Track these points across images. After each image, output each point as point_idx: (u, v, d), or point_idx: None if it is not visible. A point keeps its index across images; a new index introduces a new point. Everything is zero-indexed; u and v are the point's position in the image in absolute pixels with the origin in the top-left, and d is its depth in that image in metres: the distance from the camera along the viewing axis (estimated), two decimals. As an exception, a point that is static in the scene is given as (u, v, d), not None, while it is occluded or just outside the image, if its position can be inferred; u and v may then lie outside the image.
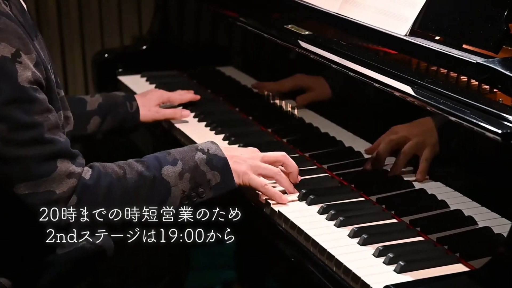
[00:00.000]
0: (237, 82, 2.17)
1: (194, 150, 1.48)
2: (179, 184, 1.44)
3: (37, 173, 1.34)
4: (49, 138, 1.35)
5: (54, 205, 1.35)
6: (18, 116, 1.32)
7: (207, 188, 1.46)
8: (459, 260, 1.32)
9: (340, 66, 1.63)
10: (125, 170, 1.42)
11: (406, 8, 1.60)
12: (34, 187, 1.34)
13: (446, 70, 1.51)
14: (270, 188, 1.51)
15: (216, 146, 1.50)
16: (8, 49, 1.32)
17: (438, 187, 1.50)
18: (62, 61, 2.94)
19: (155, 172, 1.43)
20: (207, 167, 1.46)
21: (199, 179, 1.45)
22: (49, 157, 1.34)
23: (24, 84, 1.32)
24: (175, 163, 1.45)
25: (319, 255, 1.37)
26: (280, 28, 1.85)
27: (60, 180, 1.35)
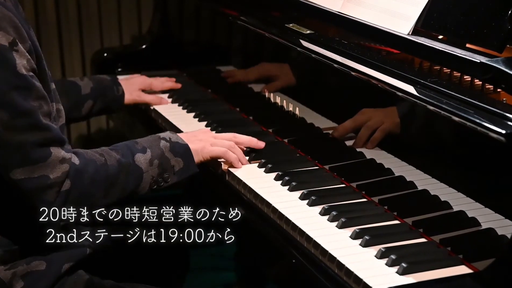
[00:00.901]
0: (237, 82, 2.16)
1: (158, 139, 1.60)
2: (150, 170, 1.54)
3: (35, 158, 1.39)
4: (45, 124, 1.41)
5: (49, 190, 1.41)
6: (19, 102, 1.38)
7: (171, 174, 1.58)
8: (462, 261, 1.31)
9: (342, 65, 1.62)
10: (105, 158, 1.51)
11: (409, 7, 1.59)
12: (30, 172, 1.40)
13: (449, 70, 1.50)
14: (230, 153, 1.64)
15: (176, 135, 1.63)
16: (5, 37, 1.37)
17: (441, 188, 1.49)
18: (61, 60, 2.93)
19: (129, 159, 1.53)
20: (171, 154, 1.58)
21: (165, 165, 1.57)
22: (45, 143, 1.41)
23: (23, 72, 1.38)
24: (144, 150, 1.56)
25: (320, 257, 1.36)
26: (281, 27, 1.84)
27: (54, 165, 1.41)
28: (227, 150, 1.64)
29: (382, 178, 1.59)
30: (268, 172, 1.65)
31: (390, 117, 1.61)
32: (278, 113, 1.94)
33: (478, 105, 1.32)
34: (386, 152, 1.65)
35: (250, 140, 1.70)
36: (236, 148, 1.67)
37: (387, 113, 1.61)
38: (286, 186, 1.58)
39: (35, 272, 1.49)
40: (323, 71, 1.80)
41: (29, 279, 1.48)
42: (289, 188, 1.57)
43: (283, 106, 1.94)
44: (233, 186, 1.65)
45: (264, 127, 1.91)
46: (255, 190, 1.57)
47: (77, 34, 2.92)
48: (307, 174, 1.63)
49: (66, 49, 2.92)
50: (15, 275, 1.48)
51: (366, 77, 1.55)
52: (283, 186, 1.59)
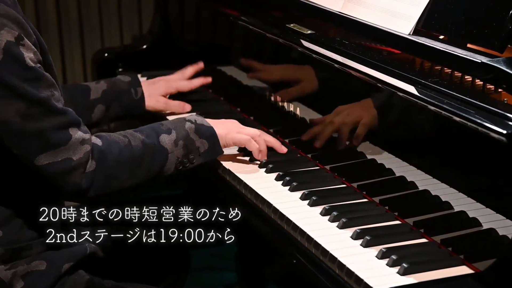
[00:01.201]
0: (238, 82, 2.16)
1: (183, 120, 1.61)
2: (175, 151, 1.56)
3: (56, 142, 1.42)
4: (61, 108, 1.44)
5: (74, 171, 1.44)
6: (33, 92, 1.40)
7: (197, 155, 1.59)
8: (463, 262, 1.30)
9: (343, 65, 1.61)
10: (129, 139, 1.52)
11: (410, 7, 1.59)
12: (54, 156, 1.42)
13: (450, 70, 1.50)
14: (254, 143, 1.65)
15: (201, 118, 1.64)
16: (11, 33, 1.39)
17: (442, 188, 1.49)
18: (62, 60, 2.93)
19: (154, 140, 1.54)
20: (196, 136, 1.59)
21: (190, 146, 1.58)
22: (63, 126, 1.43)
23: (31, 64, 1.41)
24: (169, 131, 1.57)
25: (321, 257, 1.36)
26: (282, 27, 1.83)
27: (76, 147, 1.44)
28: (250, 139, 1.65)
29: (383, 178, 1.59)
30: (269, 172, 1.65)
31: (367, 111, 1.62)
32: (279, 113, 1.94)
33: (479, 105, 1.32)
34: (387, 152, 1.65)
35: (275, 141, 1.68)
36: (261, 139, 1.66)
37: (363, 107, 1.62)
38: (287, 186, 1.58)
39: (36, 272, 1.49)
40: (324, 71, 1.79)
41: (29, 279, 1.48)
42: (290, 188, 1.57)
43: (284, 106, 1.94)
44: (234, 186, 1.64)
45: (265, 127, 1.91)
46: (256, 190, 1.57)
47: (78, 34, 2.92)
48: (308, 174, 1.63)
49: (66, 49, 2.92)
50: (16, 274, 1.48)
51: (367, 77, 1.54)
52: (284, 186, 1.59)
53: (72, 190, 1.46)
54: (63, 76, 2.95)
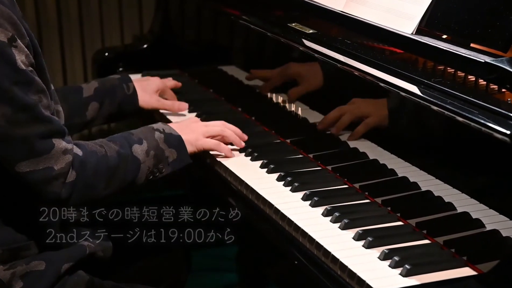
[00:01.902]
0: (239, 82, 2.15)
1: (152, 130, 1.61)
2: (146, 161, 1.56)
3: (39, 150, 1.41)
4: (47, 116, 1.43)
5: (54, 181, 1.42)
6: (20, 97, 1.39)
7: (166, 165, 1.60)
8: (466, 263, 1.29)
9: (345, 65, 1.61)
10: (105, 149, 1.52)
11: (413, 6, 1.58)
12: (35, 164, 1.41)
13: (453, 70, 1.49)
14: (223, 145, 1.69)
15: (168, 126, 1.65)
16: (4, 34, 1.37)
17: (444, 189, 1.48)
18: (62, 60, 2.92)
19: (128, 150, 1.55)
20: (165, 145, 1.60)
21: (160, 156, 1.59)
22: (48, 134, 1.42)
23: (22, 67, 1.39)
24: (140, 142, 1.57)
25: (323, 258, 1.35)
26: (283, 27, 1.83)
27: (58, 156, 1.43)
28: (220, 143, 1.68)
29: (385, 179, 1.58)
30: (270, 172, 1.64)
31: (379, 110, 1.61)
32: (280, 113, 1.93)
33: (482, 106, 1.31)
34: (390, 153, 1.64)
35: (237, 132, 1.74)
36: (227, 132, 1.71)
37: (377, 105, 1.61)
38: (289, 186, 1.57)
39: (35, 272, 1.48)
40: (326, 71, 1.78)
41: (28, 279, 1.47)
42: (291, 189, 1.56)
43: (285, 106, 1.93)
44: (235, 186, 1.63)
45: (267, 127, 1.90)
46: (257, 191, 1.56)
47: (78, 33, 2.91)
48: (310, 175, 1.62)
49: (67, 48, 2.92)
50: (15, 275, 1.47)
51: (369, 76, 1.53)
52: (285, 187, 1.58)
53: (51, 199, 1.44)
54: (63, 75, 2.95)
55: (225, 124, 1.74)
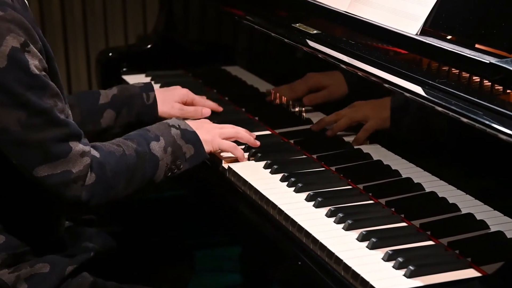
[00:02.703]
0: (243, 82, 2.15)
1: (168, 126, 1.60)
2: (164, 157, 1.55)
3: (56, 154, 1.40)
4: (63, 120, 1.42)
5: (73, 184, 1.41)
6: (35, 102, 1.38)
7: (183, 161, 1.58)
8: (470, 265, 1.29)
9: (349, 66, 1.60)
10: (123, 148, 1.51)
11: (417, 7, 1.57)
12: (53, 168, 1.40)
13: (458, 70, 1.49)
14: (240, 149, 1.67)
15: (183, 122, 1.63)
16: (17, 39, 1.37)
17: (449, 190, 1.47)
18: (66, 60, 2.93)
19: (146, 148, 1.53)
20: (182, 141, 1.58)
21: (178, 152, 1.57)
22: (64, 138, 1.41)
23: (35, 72, 1.38)
24: (157, 138, 1.56)
25: (326, 259, 1.34)
26: (287, 27, 1.82)
27: (76, 159, 1.42)
28: (236, 146, 1.67)
29: (389, 180, 1.57)
30: (274, 173, 1.63)
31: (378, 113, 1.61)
32: (284, 114, 1.92)
33: (487, 107, 1.30)
34: (394, 154, 1.63)
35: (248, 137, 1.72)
36: (241, 134, 1.70)
37: (377, 108, 1.60)
38: (292, 187, 1.57)
39: (39, 274, 1.48)
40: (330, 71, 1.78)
41: (32, 282, 1.47)
42: (295, 190, 1.55)
43: (289, 107, 1.92)
44: (239, 187, 1.63)
45: (270, 128, 1.89)
46: (261, 192, 1.55)
47: (82, 33, 2.92)
48: (313, 176, 1.62)
49: (71, 48, 2.92)
50: (19, 278, 1.47)
51: (374, 77, 1.53)
52: (289, 188, 1.57)
53: (71, 203, 1.43)
54: (67, 76, 2.95)
55: (239, 130, 1.72)
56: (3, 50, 1.35)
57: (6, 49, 1.35)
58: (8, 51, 1.35)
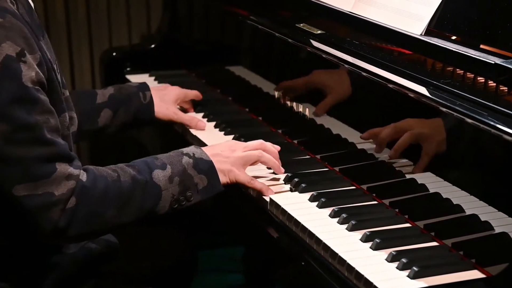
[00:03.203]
0: (246, 82, 2.14)
1: (180, 154, 1.49)
2: (169, 187, 1.44)
3: (37, 174, 1.32)
4: (50, 139, 1.33)
5: (53, 207, 1.33)
6: (21, 116, 1.30)
7: (195, 192, 1.47)
8: (475, 266, 1.28)
9: (353, 66, 1.60)
10: (118, 173, 1.41)
11: (422, 7, 1.57)
12: (33, 188, 1.32)
13: (462, 71, 1.48)
14: (256, 182, 1.54)
15: (200, 150, 1.52)
16: (13, 48, 1.31)
17: (453, 191, 1.47)
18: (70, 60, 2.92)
19: (147, 176, 1.43)
20: (194, 171, 1.47)
21: (187, 182, 1.46)
22: (49, 158, 1.33)
23: (28, 84, 1.31)
24: (164, 167, 1.45)
25: (330, 260, 1.34)
26: (291, 27, 1.82)
27: (59, 182, 1.33)
28: (252, 181, 1.53)
29: (393, 181, 1.57)
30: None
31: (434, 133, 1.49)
32: (287, 114, 1.92)
33: (492, 107, 1.30)
34: (398, 155, 1.63)
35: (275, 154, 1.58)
36: (265, 156, 1.56)
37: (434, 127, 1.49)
38: (296, 187, 1.56)
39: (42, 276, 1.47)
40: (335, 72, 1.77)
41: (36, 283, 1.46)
42: (298, 190, 1.55)
43: (292, 107, 1.92)
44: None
45: (273, 128, 1.89)
46: (264, 192, 1.55)
47: (86, 33, 2.92)
48: (317, 176, 1.61)
49: (75, 48, 2.92)
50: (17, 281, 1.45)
51: (378, 78, 1.53)
52: (292, 188, 1.57)
53: (48, 228, 1.33)
54: (71, 75, 2.95)
55: (264, 145, 1.58)
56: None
57: (0, 56, 1.29)
58: (2, 58, 1.29)
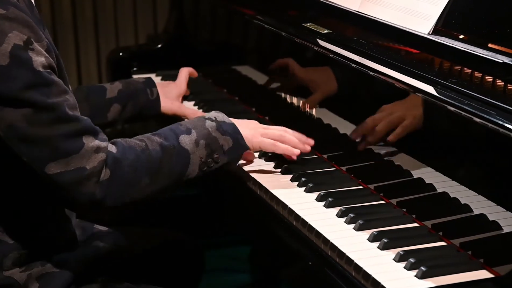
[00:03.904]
0: (253, 82, 2.14)
1: (203, 119, 1.54)
2: (196, 151, 1.48)
3: (66, 150, 1.36)
4: (73, 115, 1.38)
5: (86, 181, 1.37)
6: (39, 99, 1.34)
7: (221, 153, 1.51)
8: (483, 266, 1.28)
9: (360, 65, 1.59)
10: (146, 143, 1.45)
11: (429, 6, 1.56)
12: (65, 165, 1.36)
13: (470, 70, 1.48)
14: (281, 144, 1.57)
15: (222, 114, 1.56)
16: (19, 37, 1.34)
17: (461, 190, 1.46)
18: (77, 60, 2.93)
19: (174, 141, 1.47)
20: (218, 133, 1.51)
21: (213, 145, 1.50)
22: (75, 134, 1.37)
23: (40, 69, 1.35)
24: (189, 132, 1.50)
25: (337, 259, 1.34)
26: (298, 26, 1.82)
27: (89, 155, 1.37)
28: (276, 143, 1.57)
29: (400, 180, 1.56)
30: (284, 173, 1.63)
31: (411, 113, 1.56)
32: (294, 114, 1.92)
33: (500, 106, 1.29)
34: (405, 154, 1.62)
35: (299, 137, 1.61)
36: (287, 137, 1.60)
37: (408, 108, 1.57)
38: (303, 187, 1.56)
39: (50, 273, 1.48)
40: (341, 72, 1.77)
41: (44, 281, 1.47)
42: (305, 190, 1.55)
43: (299, 107, 1.92)
44: (249, 186, 1.63)
45: (280, 127, 1.88)
46: (271, 191, 1.55)
47: (93, 33, 2.93)
48: (324, 176, 1.61)
49: (81, 48, 2.93)
50: (31, 276, 1.46)
51: (385, 77, 1.52)
52: (299, 188, 1.57)
53: (86, 201, 1.38)
54: (78, 75, 2.96)
55: (287, 130, 1.62)
56: (5, 47, 1.33)
57: (8, 46, 1.33)
58: (10, 48, 1.33)
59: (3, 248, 1.46)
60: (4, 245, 1.46)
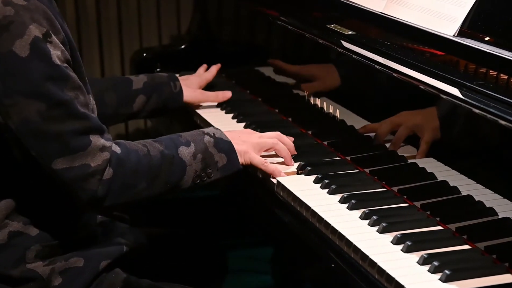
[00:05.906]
0: (276, 83, 2.14)
1: (202, 134, 1.58)
2: (193, 164, 1.52)
3: (74, 147, 1.39)
4: (83, 113, 1.41)
5: (90, 178, 1.40)
6: (55, 92, 1.38)
7: (215, 169, 1.56)
8: (508, 270, 1.27)
9: (384, 67, 1.59)
10: (148, 148, 1.49)
11: (455, 8, 1.55)
12: (71, 161, 1.39)
13: (496, 72, 1.46)
14: (269, 165, 1.61)
15: (220, 131, 1.61)
16: (39, 29, 1.37)
17: (486, 193, 1.45)
18: (101, 60, 2.95)
19: (173, 151, 1.51)
20: (214, 150, 1.56)
21: (209, 160, 1.55)
22: (84, 131, 1.40)
23: (57, 62, 1.38)
24: (188, 144, 1.54)
25: (360, 262, 1.33)
26: (322, 28, 1.81)
27: (94, 153, 1.41)
28: (266, 164, 1.61)
29: (424, 183, 1.55)
30: (307, 174, 1.62)
31: (431, 122, 1.56)
32: (317, 115, 1.91)
33: (526, 109, 1.28)
34: (429, 156, 1.61)
35: (291, 145, 1.67)
36: (279, 146, 1.65)
37: (427, 116, 1.57)
38: (326, 189, 1.56)
39: (73, 268, 1.49)
40: (365, 72, 1.77)
41: (67, 276, 1.49)
42: (328, 191, 1.55)
43: (323, 108, 1.91)
44: (270, 187, 1.63)
45: (303, 129, 1.88)
46: (294, 193, 1.55)
47: (117, 33, 2.94)
48: (347, 177, 1.61)
49: (105, 48, 2.94)
50: (54, 271, 1.48)
51: (409, 79, 1.51)
52: (322, 189, 1.56)
53: (87, 198, 1.41)
54: (102, 75, 2.97)
55: (280, 137, 1.67)
56: (26, 39, 1.35)
57: (29, 38, 1.35)
58: (30, 40, 1.35)
59: (26, 240, 1.47)
60: (27, 238, 1.48)
